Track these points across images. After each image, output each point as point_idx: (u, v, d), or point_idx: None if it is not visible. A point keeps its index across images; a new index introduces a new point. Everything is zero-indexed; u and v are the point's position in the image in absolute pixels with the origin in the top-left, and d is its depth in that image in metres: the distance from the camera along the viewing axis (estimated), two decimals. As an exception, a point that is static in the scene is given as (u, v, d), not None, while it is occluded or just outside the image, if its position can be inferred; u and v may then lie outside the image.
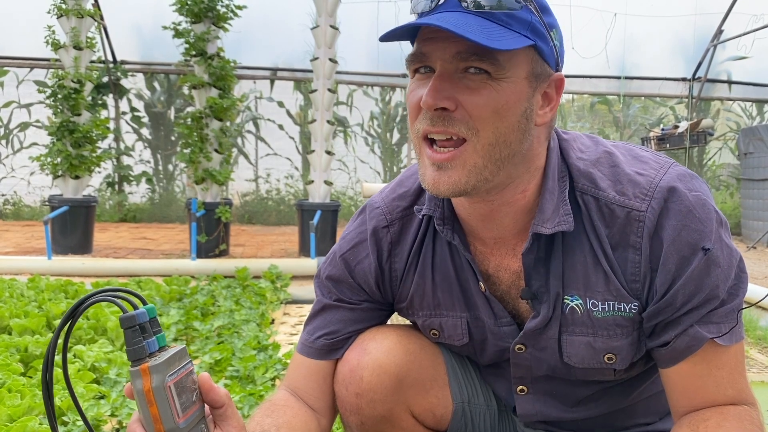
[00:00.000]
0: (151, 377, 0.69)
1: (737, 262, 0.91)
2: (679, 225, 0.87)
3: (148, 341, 0.71)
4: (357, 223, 1.10)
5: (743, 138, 7.07)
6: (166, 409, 0.70)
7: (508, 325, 1.02)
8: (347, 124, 8.56)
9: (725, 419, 0.89)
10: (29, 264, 4.25)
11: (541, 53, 0.85)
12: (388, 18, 7.50)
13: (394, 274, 1.07)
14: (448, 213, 0.99)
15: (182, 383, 0.73)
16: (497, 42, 0.79)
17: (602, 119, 9.15)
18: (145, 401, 0.70)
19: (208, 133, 5.08)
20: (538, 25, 0.84)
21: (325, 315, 1.09)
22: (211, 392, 0.77)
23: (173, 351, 0.73)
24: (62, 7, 5.14)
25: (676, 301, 0.89)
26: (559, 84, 0.90)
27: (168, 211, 8.13)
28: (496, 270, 1.00)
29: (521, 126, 0.86)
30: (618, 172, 0.93)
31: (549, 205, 0.92)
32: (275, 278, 3.93)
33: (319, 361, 1.08)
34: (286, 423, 0.98)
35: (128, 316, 0.70)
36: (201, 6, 4.96)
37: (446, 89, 0.83)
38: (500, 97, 0.83)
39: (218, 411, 0.79)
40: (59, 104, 5.13)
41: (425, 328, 1.10)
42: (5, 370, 1.88)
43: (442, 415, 1.12)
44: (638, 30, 8.00)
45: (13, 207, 8.06)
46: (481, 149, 0.84)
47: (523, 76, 0.84)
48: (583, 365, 0.99)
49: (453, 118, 0.84)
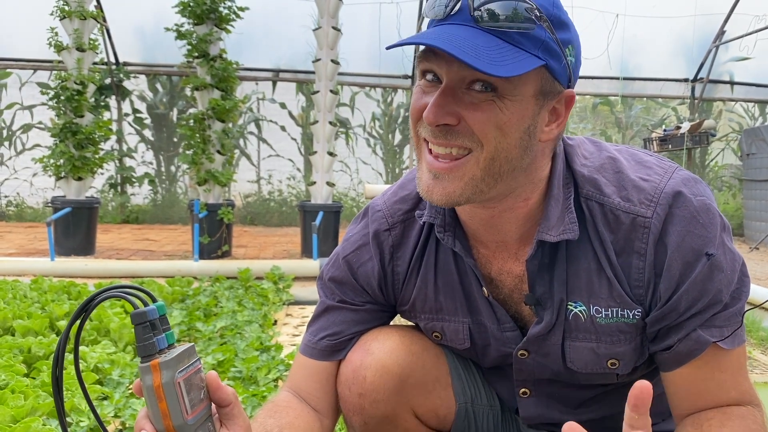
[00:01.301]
0: (161, 373, 0.70)
1: (740, 267, 0.91)
2: (683, 231, 0.87)
3: (158, 338, 0.72)
4: (360, 225, 1.10)
5: (745, 139, 7.06)
6: (175, 405, 0.70)
7: (511, 330, 1.02)
8: (349, 125, 8.56)
9: (728, 419, 0.89)
10: (32, 265, 4.26)
11: (552, 72, 0.83)
12: (390, 19, 7.50)
13: (397, 277, 1.07)
14: (449, 219, 0.99)
15: (191, 380, 0.73)
16: (501, 68, 0.77)
17: (604, 120, 9.14)
18: (154, 397, 0.70)
19: (211, 134, 5.08)
20: (552, 43, 0.82)
21: (328, 316, 1.10)
22: (219, 391, 0.78)
23: (182, 348, 0.74)
24: (65, 9, 5.15)
25: (680, 306, 0.89)
26: (569, 100, 0.88)
27: (170, 212, 8.14)
28: (498, 274, 1.00)
29: (523, 143, 0.85)
30: (622, 177, 0.93)
31: (554, 213, 0.92)
32: (278, 279, 3.93)
33: (322, 362, 1.08)
34: (288, 424, 0.99)
35: (139, 313, 0.71)
36: (203, 8, 4.97)
37: (449, 104, 0.82)
38: (503, 115, 0.82)
39: (225, 410, 0.79)
40: (62, 106, 5.15)
41: (427, 330, 1.10)
42: (9, 371, 1.88)
43: (445, 416, 1.12)
44: (640, 31, 7.99)
45: (16, 208, 8.07)
46: (483, 161, 0.84)
47: (531, 94, 0.83)
48: (586, 371, 0.99)
49: (455, 131, 0.83)
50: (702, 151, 8.57)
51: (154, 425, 0.71)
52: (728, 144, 8.87)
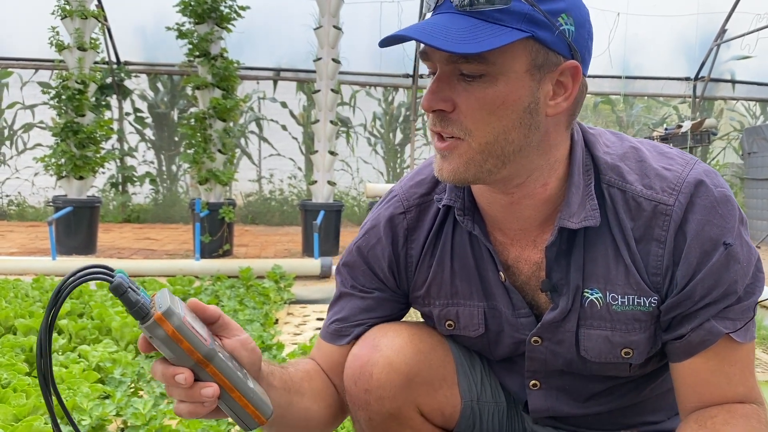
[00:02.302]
0: (169, 321, 0.73)
1: (755, 261, 0.91)
2: (703, 220, 0.88)
3: (143, 297, 0.74)
4: (375, 210, 1.12)
5: (747, 137, 7.05)
6: (194, 339, 0.74)
7: (526, 316, 1.01)
8: (350, 124, 8.56)
9: (733, 416, 0.89)
10: (33, 264, 4.26)
11: (544, 42, 0.82)
12: (391, 18, 7.49)
13: (410, 260, 1.07)
14: (469, 204, 1.00)
15: (189, 315, 0.77)
16: (471, 46, 0.78)
17: (605, 119, 9.14)
18: (174, 343, 0.73)
19: (212, 133, 5.08)
20: (536, 14, 0.81)
21: (340, 302, 1.13)
22: (206, 311, 0.81)
23: (163, 296, 0.77)
24: (66, 8, 5.15)
25: (695, 294, 0.89)
26: (575, 71, 0.86)
27: (171, 211, 8.14)
28: (515, 261, 1.00)
29: (524, 122, 0.85)
30: (645, 166, 0.94)
31: (575, 199, 0.92)
32: (279, 278, 3.93)
33: (331, 345, 1.11)
34: (305, 371, 1.06)
35: (117, 284, 0.72)
36: (204, 7, 4.97)
37: (443, 91, 0.85)
38: (497, 97, 0.83)
39: (216, 324, 0.83)
40: (63, 105, 5.15)
41: (440, 318, 1.09)
42: (10, 370, 1.88)
43: (450, 414, 1.12)
44: (641, 30, 7.98)
45: (18, 208, 8.08)
46: (476, 147, 0.86)
47: (523, 70, 0.83)
48: (599, 360, 0.99)
49: (449, 119, 0.86)
50: (703, 150, 8.56)
51: (185, 365, 0.75)
52: (729, 143, 8.86)
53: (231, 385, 0.78)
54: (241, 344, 0.83)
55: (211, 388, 0.75)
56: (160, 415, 1.67)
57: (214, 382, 0.76)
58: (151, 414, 1.66)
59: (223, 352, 0.80)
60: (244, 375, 0.81)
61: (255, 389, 0.81)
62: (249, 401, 0.79)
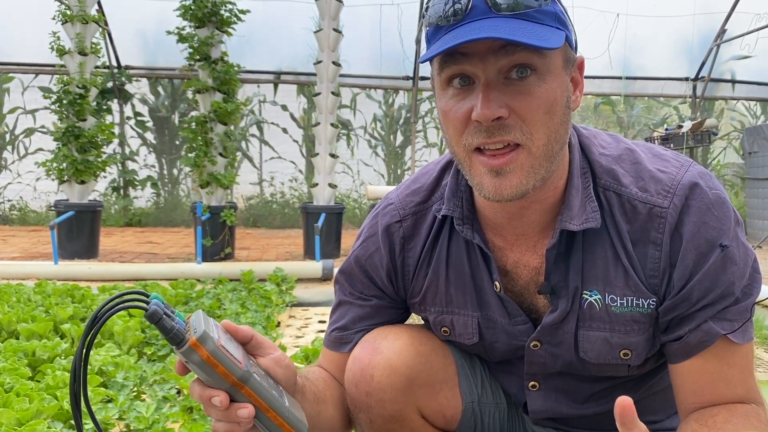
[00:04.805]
0: (204, 346, 0.74)
1: (752, 262, 0.92)
2: (698, 222, 0.89)
3: (178, 322, 0.75)
4: (371, 219, 1.12)
5: (747, 137, 7.05)
6: (229, 363, 0.76)
7: (523, 323, 1.02)
8: (351, 127, 8.57)
9: (733, 415, 0.89)
10: (36, 269, 4.27)
11: (569, 39, 0.86)
12: (391, 21, 7.51)
13: (407, 268, 1.08)
14: (467, 212, 1.00)
15: (224, 338, 0.79)
16: (545, 41, 0.79)
17: (606, 120, 9.14)
18: (209, 367, 0.75)
19: (213, 137, 5.09)
20: (561, 14, 0.85)
21: (339, 310, 1.14)
22: (239, 332, 0.83)
23: (198, 319, 0.77)
24: (67, 13, 5.17)
25: (692, 296, 0.89)
26: (581, 66, 0.91)
27: (173, 215, 8.15)
28: (514, 266, 1.00)
29: (566, 117, 0.87)
30: (640, 169, 0.94)
31: (575, 202, 0.93)
32: (280, 281, 3.94)
33: (333, 352, 1.13)
34: (323, 379, 1.08)
35: (152, 312, 0.74)
36: (205, 11, 4.98)
37: (498, 98, 0.82)
38: (550, 95, 0.84)
39: (250, 344, 0.84)
40: (64, 110, 5.16)
41: (436, 325, 1.10)
42: (13, 375, 1.89)
43: (452, 416, 1.12)
44: (641, 30, 7.98)
45: (20, 212, 8.09)
46: (536, 151, 0.85)
47: (561, 66, 0.86)
48: (598, 361, 0.99)
49: (507, 125, 0.83)
50: (704, 150, 8.56)
51: (221, 388, 0.76)
52: (730, 143, 8.86)
53: (266, 405, 0.79)
54: (275, 362, 0.84)
55: (246, 409, 0.77)
56: (162, 418, 1.67)
57: (250, 403, 0.77)
58: (153, 417, 1.67)
59: (258, 371, 0.81)
60: (280, 393, 0.82)
61: (290, 407, 0.82)
62: (285, 420, 0.80)
